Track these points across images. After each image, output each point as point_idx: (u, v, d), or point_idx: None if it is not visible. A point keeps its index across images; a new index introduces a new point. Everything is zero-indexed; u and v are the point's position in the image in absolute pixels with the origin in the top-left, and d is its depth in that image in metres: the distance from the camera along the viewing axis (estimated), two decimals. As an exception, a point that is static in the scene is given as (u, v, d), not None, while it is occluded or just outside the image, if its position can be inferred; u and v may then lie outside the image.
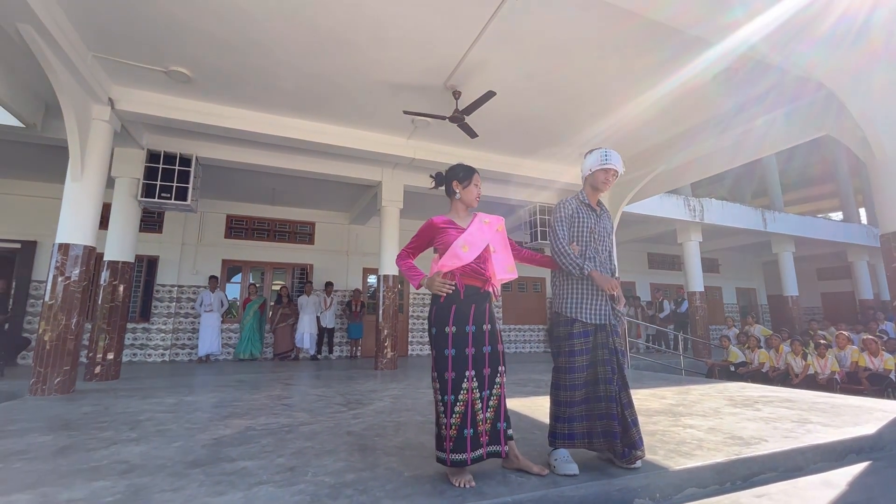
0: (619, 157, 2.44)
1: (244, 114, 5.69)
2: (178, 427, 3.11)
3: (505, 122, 6.00)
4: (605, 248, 2.47)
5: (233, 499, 1.84)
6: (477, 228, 2.26)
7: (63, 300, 4.64)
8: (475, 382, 2.05)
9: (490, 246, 2.26)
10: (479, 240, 2.22)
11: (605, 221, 2.51)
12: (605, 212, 2.55)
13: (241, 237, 9.54)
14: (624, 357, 2.44)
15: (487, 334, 2.15)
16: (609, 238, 2.52)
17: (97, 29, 4.22)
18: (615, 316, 2.39)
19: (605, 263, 2.43)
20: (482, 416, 2.05)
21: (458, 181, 2.35)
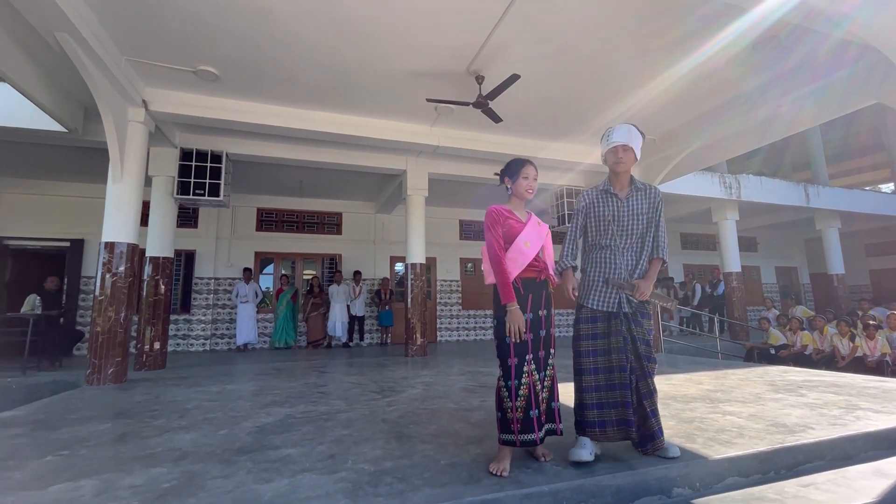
0: (625, 129, 2.34)
1: (270, 109, 5.78)
2: (223, 415, 3.26)
3: (529, 105, 5.87)
4: (634, 231, 2.33)
5: (279, 486, 1.93)
6: (534, 225, 2.36)
7: (111, 295, 4.90)
8: (534, 365, 2.16)
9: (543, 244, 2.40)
10: (536, 236, 2.32)
11: (636, 203, 2.34)
12: (640, 192, 2.36)
13: (272, 230, 9.78)
14: (649, 345, 2.27)
15: (543, 319, 2.25)
16: (638, 220, 2.33)
17: (129, 33, 4.34)
18: (629, 304, 2.27)
19: (631, 248, 2.33)
20: (541, 396, 2.17)
21: (508, 176, 2.41)
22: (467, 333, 10.71)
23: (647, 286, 2.24)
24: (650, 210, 2.35)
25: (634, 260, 2.33)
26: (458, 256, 10.87)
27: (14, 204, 8.33)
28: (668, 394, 3.79)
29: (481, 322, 10.86)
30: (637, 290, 2.23)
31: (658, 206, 2.35)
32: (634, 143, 2.33)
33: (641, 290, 2.23)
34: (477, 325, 10.81)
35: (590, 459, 2.14)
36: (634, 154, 2.35)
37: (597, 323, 2.30)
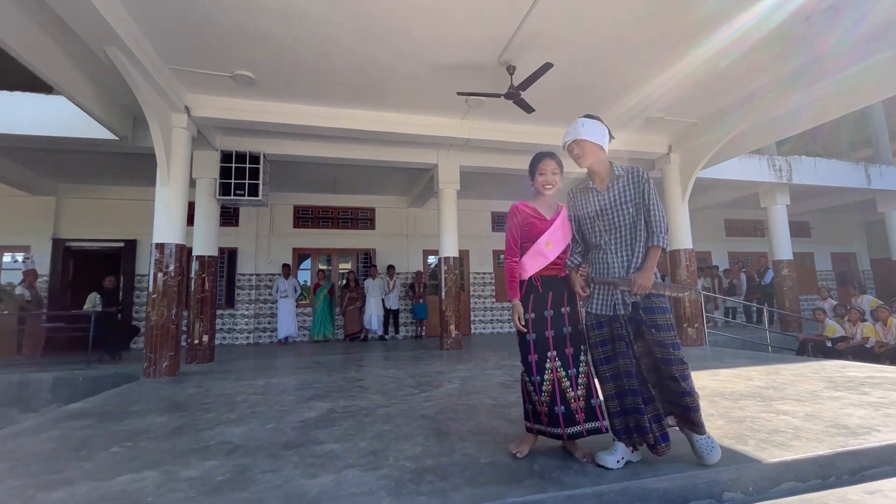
0: (571, 126, 2.20)
1: (304, 109, 5.90)
2: (269, 409, 3.40)
3: (560, 94, 5.71)
4: (622, 223, 2.14)
5: (325, 481, 1.99)
6: (561, 223, 2.29)
7: (163, 293, 5.18)
8: (558, 362, 2.16)
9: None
10: (561, 236, 2.27)
11: (617, 193, 2.14)
12: (620, 180, 2.15)
13: (308, 226, 10.04)
14: (664, 346, 2.03)
15: (566, 316, 2.22)
16: (623, 210, 2.13)
17: (170, 44, 4.52)
18: (625, 305, 2.09)
19: (622, 242, 2.15)
20: (573, 393, 2.13)
21: (530, 174, 2.37)
22: (501, 326, 10.67)
23: (644, 278, 2.03)
24: (636, 195, 2.12)
25: (628, 254, 2.13)
26: (491, 248, 10.81)
27: (74, 208, 8.92)
28: (715, 390, 3.64)
29: (515, 314, 10.77)
30: (634, 285, 2.04)
31: (644, 188, 2.11)
32: (585, 134, 2.15)
33: (638, 283, 2.03)
34: (510, 317, 10.74)
35: (614, 467, 2.04)
36: (593, 144, 2.16)
37: (602, 329, 2.16)
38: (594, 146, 2.17)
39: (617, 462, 2.06)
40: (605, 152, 2.20)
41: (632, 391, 2.07)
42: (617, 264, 2.13)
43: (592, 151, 2.18)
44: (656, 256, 2.07)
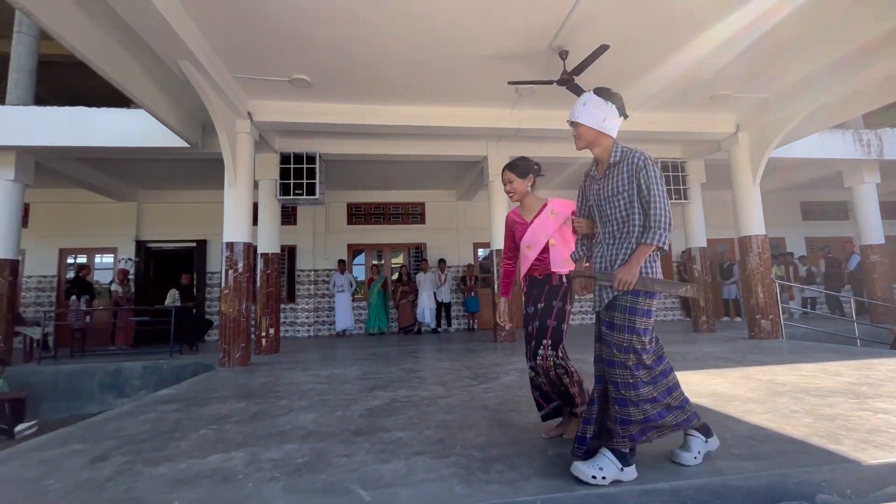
0: (576, 103, 1.99)
1: (356, 108, 6.06)
2: (335, 397, 3.56)
3: (617, 75, 5.46)
4: (614, 215, 1.94)
5: (397, 467, 2.06)
6: (541, 223, 2.37)
7: (234, 289, 5.55)
8: (527, 355, 2.36)
9: (552, 240, 2.35)
10: (540, 236, 2.37)
11: (613, 181, 1.94)
12: (616, 167, 1.94)
13: (361, 222, 10.35)
14: (620, 349, 1.84)
15: (539, 312, 2.33)
16: (616, 201, 1.92)
17: (234, 54, 4.79)
18: (600, 303, 1.93)
19: (613, 235, 1.96)
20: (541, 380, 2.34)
21: None
22: (555, 318, 10.47)
23: (625, 272, 1.81)
24: (630, 185, 1.88)
25: (617, 250, 1.92)
26: (543, 240, 10.60)
27: (152, 212, 9.75)
28: (798, 386, 3.38)
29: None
30: (614, 280, 1.83)
31: (638, 175, 1.86)
32: (580, 117, 1.95)
33: (618, 277, 1.81)
34: (565, 309, 10.52)
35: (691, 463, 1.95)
36: (587, 128, 1.95)
37: (596, 325, 2.05)
38: (589, 130, 1.95)
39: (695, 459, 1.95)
40: (608, 136, 1.95)
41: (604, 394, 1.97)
42: (607, 258, 1.95)
43: (587, 135, 1.97)
44: (645, 254, 1.83)
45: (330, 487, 1.86)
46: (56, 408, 6.29)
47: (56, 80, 10.14)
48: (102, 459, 2.30)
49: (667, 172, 7.66)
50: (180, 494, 1.84)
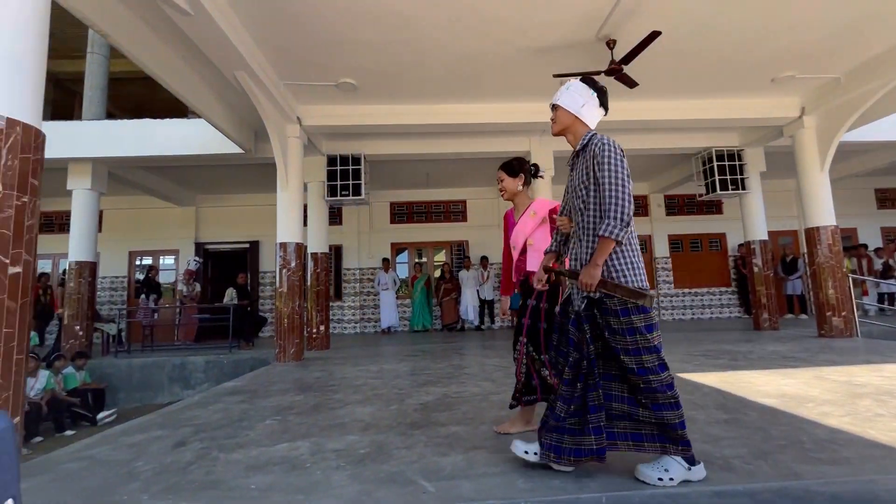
0: (562, 87, 1.90)
1: (401, 109, 6.16)
2: (389, 392, 3.64)
3: (668, 62, 5.25)
4: (577, 204, 1.85)
5: (455, 460, 2.09)
6: (521, 224, 2.41)
7: (288, 288, 5.79)
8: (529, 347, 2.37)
9: (529, 240, 2.35)
10: (519, 238, 2.40)
11: (577, 170, 1.88)
12: (581, 155, 1.87)
13: (404, 221, 10.51)
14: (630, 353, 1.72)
15: (530, 310, 2.33)
16: (578, 191, 1.84)
17: (285, 62, 5.00)
18: (580, 303, 1.80)
19: (579, 226, 1.85)
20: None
21: None
22: (601, 316, 10.20)
23: (586, 274, 1.70)
24: (590, 171, 1.78)
25: (581, 244, 1.83)
26: (587, 236, 10.36)
27: (209, 215, 10.33)
28: (882, 388, 3.13)
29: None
30: (578, 281, 1.74)
31: (593, 162, 1.75)
32: (560, 99, 1.88)
33: (580, 279, 1.72)
34: (611, 306, 10.23)
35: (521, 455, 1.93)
36: (565, 111, 1.87)
37: (560, 318, 1.95)
38: (566, 114, 1.88)
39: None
40: (584, 124, 1.87)
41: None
42: (579, 253, 1.84)
43: (563, 119, 1.90)
44: (605, 249, 1.69)
45: (394, 477, 1.91)
46: (130, 397, 6.82)
47: (122, 94, 10.96)
48: (182, 445, 2.48)
49: (721, 162, 7.27)
50: (255, 479, 1.95)
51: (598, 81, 1.93)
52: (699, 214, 10.55)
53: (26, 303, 1.93)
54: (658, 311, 10.22)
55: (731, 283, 10.29)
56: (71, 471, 2.14)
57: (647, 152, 7.61)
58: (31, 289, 1.96)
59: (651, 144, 7.33)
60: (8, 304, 1.84)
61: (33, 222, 1.97)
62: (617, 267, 1.73)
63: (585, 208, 1.80)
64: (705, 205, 10.46)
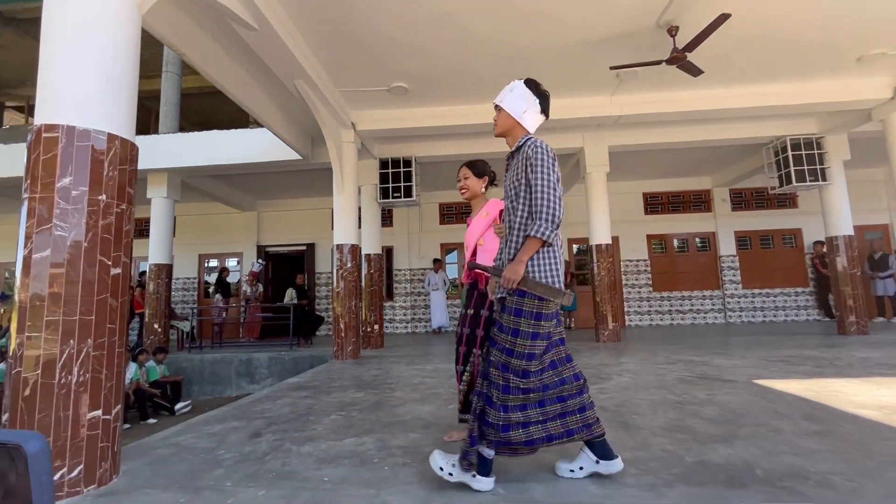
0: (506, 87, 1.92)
1: (450, 110, 6.19)
2: (446, 391, 3.66)
3: (736, 47, 4.90)
4: (509, 204, 1.87)
5: (522, 462, 2.05)
6: (474, 225, 2.38)
7: (345, 288, 5.98)
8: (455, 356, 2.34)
9: (480, 241, 2.33)
10: (471, 238, 2.37)
11: (511, 171, 1.90)
12: (515, 156, 1.88)
13: (452, 222, 10.55)
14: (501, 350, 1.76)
15: (469, 318, 2.32)
16: (510, 191, 1.86)
17: (340, 69, 5.16)
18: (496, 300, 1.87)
19: (513, 227, 1.84)
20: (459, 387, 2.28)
21: None
22: (661, 318, 9.73)
23: (510, 270, 1.72)
24: (522, 172, 1.81)
25: (507, 243, 1.87)
26: (644, 233, 9.92)
27: (269, 219, 10.90)
28: None
29: (677, 305, 9.72)
30: (501, 277, 1.76)
31: (526, 163, 1.78)
32: (503, 101, 1.90)
33: (503, 275, 1.74)
34: (672, 307, 9.72)
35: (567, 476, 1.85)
36: (507, 114, 1.89)
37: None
38: (508, 117, 1.91)
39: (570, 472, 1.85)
40: (524, 128, 1.90)
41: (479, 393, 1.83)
42: (506, 252, 1.87)
43: (504, 122, 1.92)
44: (532, 247, 1.73)
45: (461, 477, 1.91)
46: (202, 390, 7.32)
47: (190, 109, 11.83)
48: (257, 436, 2.62)
49: (798, 151, 6.70)
50: (328, 472, 2.02)
51: (542, 86, 1.95)
52: (770, 209, 9.79)
53: (125, 301, 2.11)
54: (724, 312, 9.59)
55: (809, 282, 9.45)
56: (162, 456, 2.32)
57: (710, 144, 7.16)
58: (127, 289, 2.15)
59: (716, 135, 6.89)
60: (110, 301, 2.02)
61: (129, 228, 2.16)
62: (540, 266, 1.77)
63: (515, 209, 1.84)
64: (777, 199, 9.69)
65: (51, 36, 2.06)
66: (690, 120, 6.52)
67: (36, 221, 1.90)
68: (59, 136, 1.95)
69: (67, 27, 2.07)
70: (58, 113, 1.99)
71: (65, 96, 2.02)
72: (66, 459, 1.83)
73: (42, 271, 1.88)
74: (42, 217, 1.90)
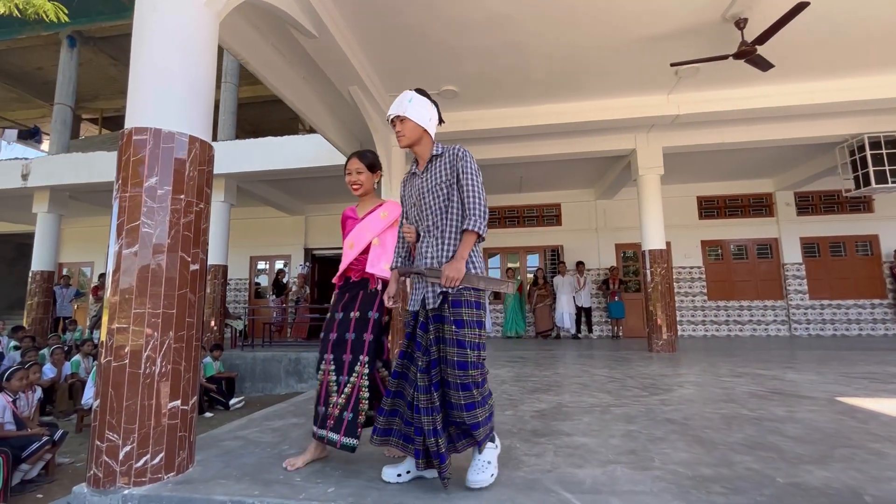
0: (399, 98, 1.94)
1: (499, 113, 6.14)
2: (498, 397, 3.58)
3: (814, 38, 4.58)
4: (434, 207, 1.91)
5: (594, 473, 1.96)
6: (369, 221, 2.28)
7: (392, 290, 6.03)
8: (333, 366, 2.09)
9: (376, 240, 2.25)
10: (365, 234, 2.25)
11: (433, 174, 1.93)
12: (438, 159, 1.94)
13: (496, 226, 10.44)
14: (462, 346, 1.75)
15: (353, 322, 2.13)
16: (437, 193, 1.91)
17: (392, 73, 5.24)
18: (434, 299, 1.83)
19: (436, 228, 1.91)
20: (334, 399, 2.05)
21: None
22: (717, 328, 9.19)
23: (452, 268, 1.78)
24: (451, 175, 1.90)
25: (441, 241, 1.90)
26: (699, 239, 9.44)
27: (318, 223, 11.22)
28: None
29: (735, 315, 9.16)
30: (442, 276, 1.78)
31: (458, 165, 1.89)
32: (410, 112, 1.92)
33: (445, 273, 1.78)
34: (730, 318, 9.17)
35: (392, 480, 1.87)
36: (415, 124, 1.93)
37: (409, 324, 1.95)
38: (416, 127, 1.95)
39: (398, 476, 1.88)
40: (430, 134, 1.97)
41: (409, 403, 1.85)
42: (430, 253, 1.91)
43: (413, 132, 1.95)
44: (470, 243, 1.83)
45: (532, 485, 1.84)
46: (254, 387, 7.59)
47: (244, 118, 12.40)
48: (318, 433, 2.65)
49: (877, 150, 6.16)
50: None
51: (430, 95, 2.03)
52: (842, 213, 9.05)
53: (202, 296, 2.20)
54: (789, 324, 8.94)
55: (887, 293, 8.65)
56: (231, 448, 2.39)
57: (774, 144, 6.72)
58: (204, 284, 2.23)
59: (780, 135, 6.45)
60: (189, 296, 2.11)
61: (206, 226, 2.25)
62: (475, 262, 1.86)
63: (445, 209, 1.90)
64: (850, 203, 8.96)
65: (140, 44, 2.19)
66: (753, 119, 6.15)
67: (126, 219, 2.01)
68: (147, 138, 2.07)
69: (155, 35, 2.19)
70: (146, 116, 2.10)
71: (152, 100, 2.14)
72: (149, 446, 1.91)
73: (131, 266, 1.98)
74: (132, 215, 2.01)
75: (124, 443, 1.88)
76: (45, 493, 3.64)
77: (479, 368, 1.78)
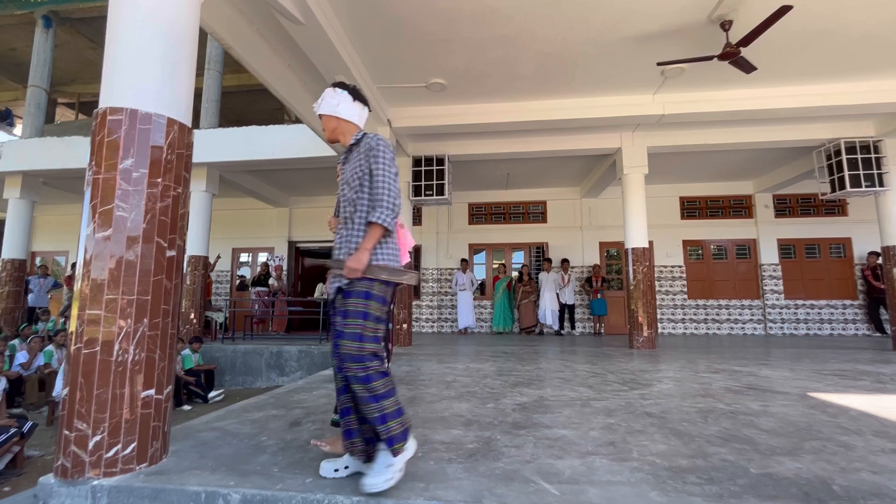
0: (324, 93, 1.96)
1: (486, 107, 6.13)
2: (481, 390, 3.59)
3: (796, 42, 4.68)
4: (349, 195, 1.89)
5: (573, 464, 1.97)
6: None
7: (376, 284, 5.99)
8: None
9: None
10: None
11: (350, 165, 1.91)
12: (354, 150, 1.93)
13: (482, 222, 10.48)
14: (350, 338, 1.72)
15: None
16: (351, 184, 1.88)
17: (379, 64, 5.18)
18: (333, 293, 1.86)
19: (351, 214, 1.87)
20: None
21: None
22: (696, 326, 9.38)
23: (354, 260, 1.74)
24: (364, 163, 1.86)
25: (349, 234, 1.87)
26: (681, 238, 9.60)
27: (301, 215, 11.07)
28: None
29: (713, 314, 9.35)
30: (344, 268, 1.76)
31: (369, 155, 1.84)
32: (320, 107, 1.96)
33: (346, 264, 1.75)
34: (708, 316, 9.37)
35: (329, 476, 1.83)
36: (328, 116, 1.96)
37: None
38: (329, 118, 1.97)
39: (335, 471, 1.84)
40: (350, 122, 1.96)
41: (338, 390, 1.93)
42: (343, 243, 1.88)
43: (328, 123, 1.98)
44: (375, 235, 1.77)
45: (510, 475, 1.85)
46: (234, 380, 7.46)
47: (227, 107, 12.14)
48: (297, 424, 2.62)
49: (853, 155, 6.34)
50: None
51: (348, 83, 2.04)
52: (817, 216, 9.31)
53: (179, 283, 2.14)
54: (764, 323, 9.18)
55: (858, 295, 8.94)
56: (207, 439, 2.34)
57: (755, 146, 6.88)
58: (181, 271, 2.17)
59: (762, 137, 6.61)
60: (165, 283, 2.05)
61: (185, 211, 2.19)
62: (385, 254, 1.82)
63: (359, 198, 1.86)
64: (825, 206, 9.22)
65: (117, 22, 2.11)
66: (736, 121, 6.27)
67: (100, 202, 1.94)
68: (122, 118, 1.99)
69: (132, 13, 2.11)
70: (122, 97, 2.03)
71: (128, 81, 2.06)
72: (120, 436, 1.86)
73: (103, 250, 1.92)
74: (105, 197, 1.94)
75: (94, 432, 1.82)
76: (12, 487, 3.53)
77: (360, 362, 1.70)
